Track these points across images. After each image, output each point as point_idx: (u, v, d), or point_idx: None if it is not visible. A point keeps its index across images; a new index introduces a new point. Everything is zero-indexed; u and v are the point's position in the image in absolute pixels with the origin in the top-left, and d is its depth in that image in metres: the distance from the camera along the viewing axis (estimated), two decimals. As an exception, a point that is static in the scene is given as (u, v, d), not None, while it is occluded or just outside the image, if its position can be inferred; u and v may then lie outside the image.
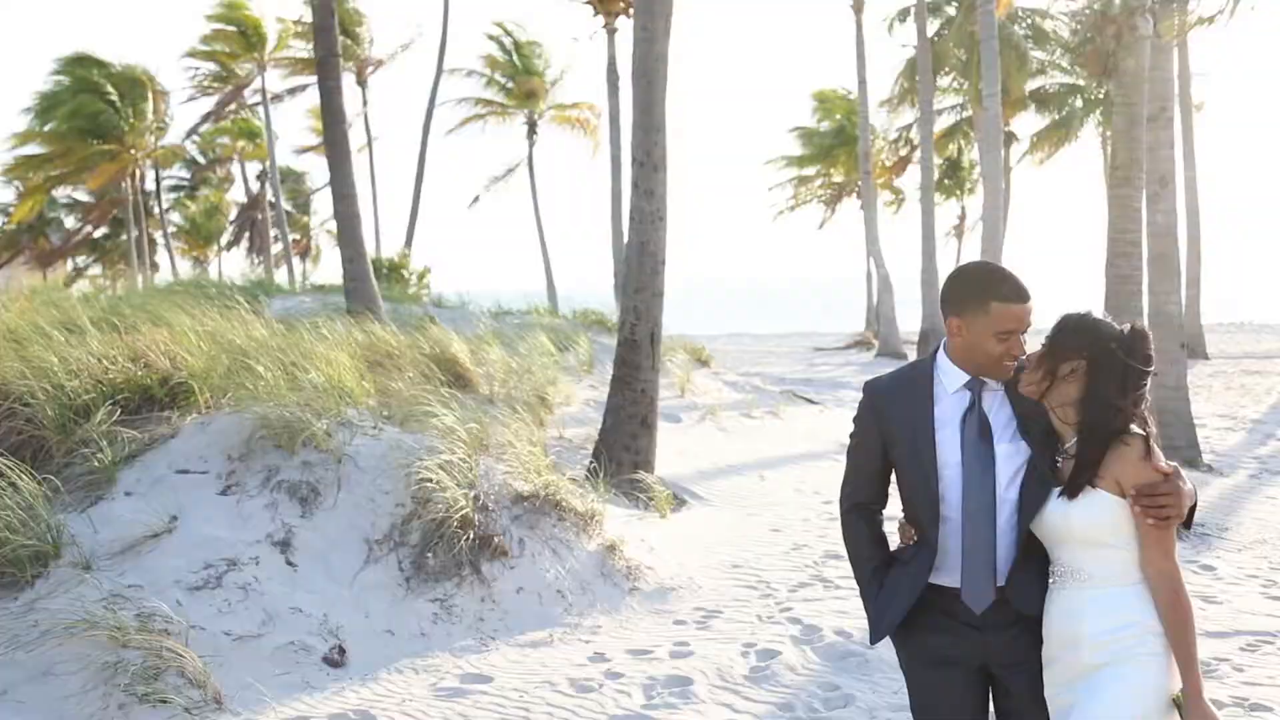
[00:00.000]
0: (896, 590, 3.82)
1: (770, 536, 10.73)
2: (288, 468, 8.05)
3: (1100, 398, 3.54)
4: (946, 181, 49.63)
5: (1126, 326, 3.61)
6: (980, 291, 3.66)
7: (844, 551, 4.08)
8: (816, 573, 9.41)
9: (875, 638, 3.91)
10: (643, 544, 9.34)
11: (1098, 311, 3.68)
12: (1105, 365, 3.54)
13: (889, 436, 3.82)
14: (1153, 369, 3.61)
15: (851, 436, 3.96)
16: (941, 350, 3.84)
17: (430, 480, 8.07)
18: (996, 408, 3.75)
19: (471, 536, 8.00)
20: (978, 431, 3.71)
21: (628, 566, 8.76)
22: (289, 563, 7.46)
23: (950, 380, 3.77)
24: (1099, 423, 3.55)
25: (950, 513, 3.71)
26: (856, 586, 4.01)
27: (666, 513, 11.05)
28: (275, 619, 7.02)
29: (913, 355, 33.22)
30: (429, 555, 7.83)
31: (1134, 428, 3.57)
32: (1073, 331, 3.60)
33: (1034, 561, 3.70)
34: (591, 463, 11.53)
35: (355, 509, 7.95)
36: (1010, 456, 3.70)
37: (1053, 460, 3.67)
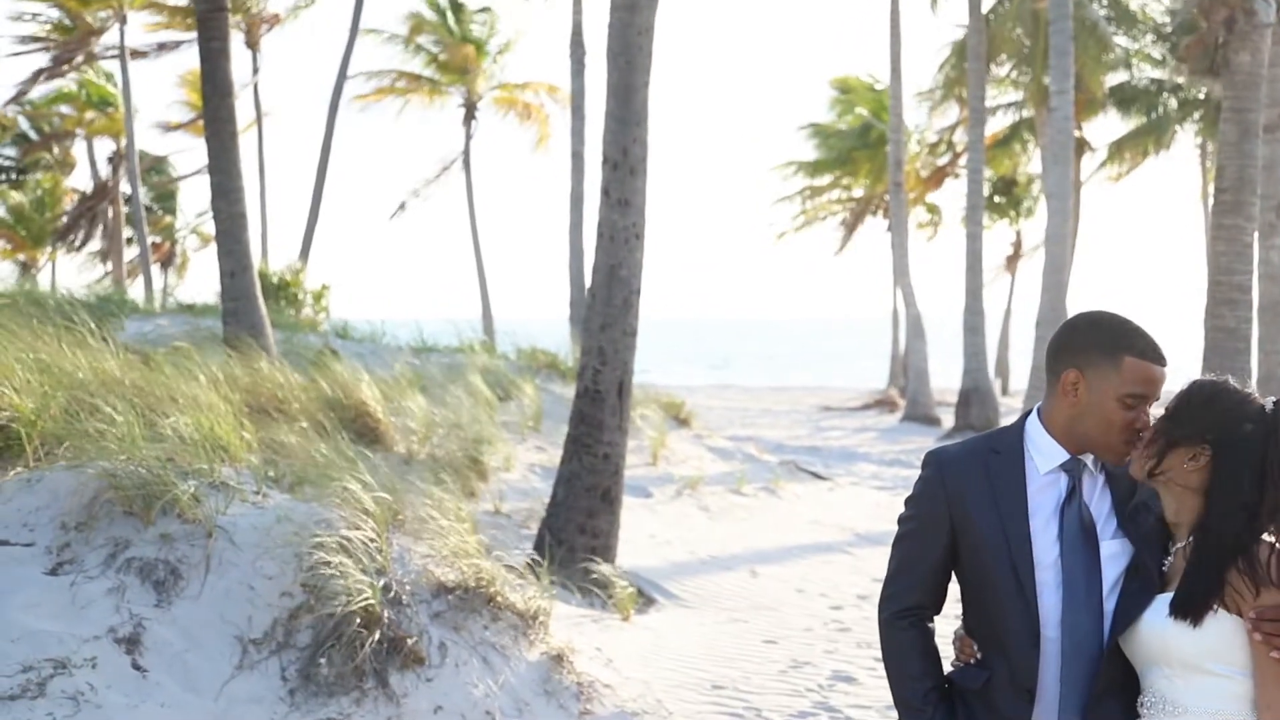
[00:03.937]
0: None
1: (762, 650, 10.73)
2: (141, 542, 7.98)
3: (1228, 495, 3.55)
4: (998, 199, 50.03)
5: (1270, 401, 3.63)
6: (1112, 341, 3.71)
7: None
8: (822, 699, 9.37)
9: None
10: (599, 654, 9.32)
11: (1236, 380, 3.69)
12: (1237, 454, 3.55)
13: (963, 524, 3.81)
14: None
15: (905, 520, 3.95)
16: (1034, 418, 3.86)
17: (327, 563, 8.02)
18: (1097, 496, 3.77)
19: (378, 638, 7.95)
20: (1079, 526, 3.72)
21: (578, 683, 8.73)
22: (137, 666, 7.38)
23: (1043, 458, 3.79)
24: (1223, 528, 3.55)
25: (1047, 631, 3.72)
26: (895, 714, 4.00)
27: (630, 614, 11.05)
28: (117, 739, 6.93)
29: (949, 420, 33.35)
30: (322, 661, 7.77)
31: (1268, 536, 3.57)
32: (1200, 406, 3.62)
33: (1123, 689, 3.72)
34: (535, 546, 11.48)
35: (227, 598, 7.88)
36: (1113, 559, 3.72)
37: (1161, 560, 3.69)
